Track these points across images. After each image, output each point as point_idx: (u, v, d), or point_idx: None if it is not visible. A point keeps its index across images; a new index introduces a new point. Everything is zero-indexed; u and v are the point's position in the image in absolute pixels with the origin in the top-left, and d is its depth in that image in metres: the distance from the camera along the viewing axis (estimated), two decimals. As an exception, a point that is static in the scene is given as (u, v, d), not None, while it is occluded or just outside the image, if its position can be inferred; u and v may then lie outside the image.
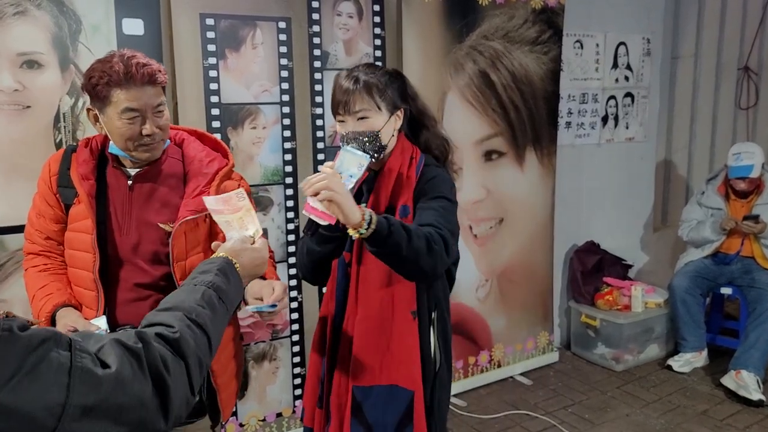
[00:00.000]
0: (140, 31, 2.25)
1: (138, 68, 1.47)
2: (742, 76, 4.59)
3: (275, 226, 2.62)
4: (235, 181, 1.69)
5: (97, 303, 1.56)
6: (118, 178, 1.60)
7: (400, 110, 1.63)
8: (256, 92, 2.51)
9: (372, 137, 1.55)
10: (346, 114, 1.57)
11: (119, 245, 1.57)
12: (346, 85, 1.57)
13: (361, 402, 1.57)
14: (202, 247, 1.61)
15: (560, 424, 2.98)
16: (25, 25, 2.06)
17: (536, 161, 3.35)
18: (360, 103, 1.55)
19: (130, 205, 1.58)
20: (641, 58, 3.96)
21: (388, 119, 1.59)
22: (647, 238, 4.30)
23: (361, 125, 1.56)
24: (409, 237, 1.39)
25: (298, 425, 2.78)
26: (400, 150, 1.62)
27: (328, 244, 1.58)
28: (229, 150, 1.72)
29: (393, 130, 1.61)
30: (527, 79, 3.22)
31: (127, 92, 1.47)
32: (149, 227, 1.58)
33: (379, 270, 1.55)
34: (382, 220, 1.38)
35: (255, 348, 2.64)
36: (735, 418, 3.03)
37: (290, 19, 2.54)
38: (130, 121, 1.49)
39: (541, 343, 3.56)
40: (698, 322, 3.54)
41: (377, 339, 1.57)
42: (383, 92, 1.58)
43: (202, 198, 1.50)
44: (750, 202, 3.53)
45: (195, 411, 1.60)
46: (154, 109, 1.51)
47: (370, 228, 1.36)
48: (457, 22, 2.97)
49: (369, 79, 1.57)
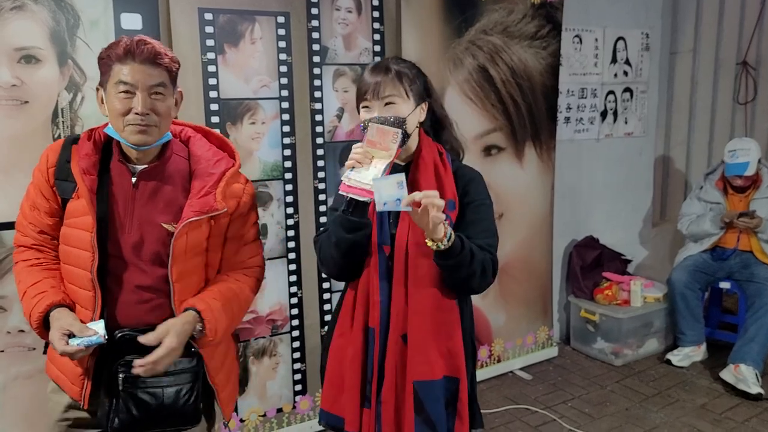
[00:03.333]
0: (138, 25, 2.24)
1: (139, 45, 1.45)
2: (741, 71, 4.60)
3: (275, 222, 2.62)
4: (242, 184, 1.64)
5: (94, 304, 1.50)
6: (122, 174, 1.54)
7: (425, 104, 1.63)
8: (255, 87, 2.50)
9: (399, 122, 1.53)
10: (374, 99, 1.55)
11: (121, 244, 1.51)
12: (376, 72, 1.58)
13: (423, 398, 1.55)
14: (201, 248, 1.57)
15: (560, 418, 2.99)
16: (23, 19, 2.04)
17: (535, 156, 3.34)
18: (390, 89, 1.55)
19: (133, 203, 1.53)
20: (640, 53, 3.96)
21: (414, 109, 1.58)
22: (646, 232, 4.31)
23: (387, 111, 1.55)
24: (472, 259, 1.48)
25: (298, 421, 2.78)
26: (427, 144, 1.63)
27: (360, 231, 1.53)
28: (235, 150, 1.68)
29: (417, 122, 1.61)
30: (526, 74, 3.22)
31: (124, 66, 1.45)
32: (152, 226, 1.52)
33: (430, 264, 1.53)
34: (457, 239, 1.45)
35: (255, 344, 2.64)
36: (734, 411, 3.04)
37: (289, 14, 2.53)
38: (123, 95, 1.45)
39: (540, 338, 3.57)
40: (697, 316, 3.54)
41: (432, 332, 1.56)
42: (413, 82, 1.59)
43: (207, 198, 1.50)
44: (748, 197, 3.54)
45: (189, 418, 1.55)
46: (150, 89, 1.47)
47: (448, 243, 1.43)
48: (456, 17, 2.96)
49: (400, 68, 1.59)
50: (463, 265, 1.47)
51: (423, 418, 1.55)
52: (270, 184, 2.59)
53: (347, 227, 1.52)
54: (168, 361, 1.46)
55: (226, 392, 1.67)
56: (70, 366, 1.53)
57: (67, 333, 1.43)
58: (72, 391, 1.55)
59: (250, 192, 1.66)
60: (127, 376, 1.47)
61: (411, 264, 1.56)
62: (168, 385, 1.50)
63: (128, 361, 1.46)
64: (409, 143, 1.60)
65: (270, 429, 2.72)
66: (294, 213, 2.66)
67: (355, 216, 1.51)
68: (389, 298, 1.58)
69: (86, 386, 1.53)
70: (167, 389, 1.50)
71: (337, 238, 1.55)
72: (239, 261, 1.66)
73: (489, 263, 1.53)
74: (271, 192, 2.60)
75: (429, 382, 1.56)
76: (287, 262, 2.67)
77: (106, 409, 1.49)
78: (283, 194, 2.62)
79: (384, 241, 1.59)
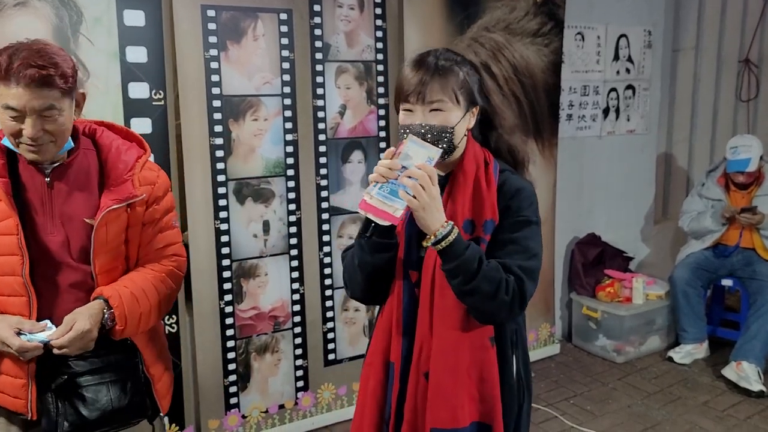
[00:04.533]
0: (141, 22, 2.25)
1: (21, 68, 1.33)
2: (743, 68, 4.59)
3: (277, 218, 2.62)
4: (155, 171, 1.61)
5: (29, 308, 1.45)
6: (33, 175, 1.47)
7: (476, 107, 1.40)
8: (258, 84, 2.51)
9: (445, 134, 1.32)
10: (418, 103, 1.32)
11: (48, 245, 1.47)
12: (420, 69, 1.33)
13: None
14: (121, 240, 1.54)
15: (562, 415, 2.99)
16: (26, 16, 2.05)
17: (537, 153, 3.34)
18: (437, 93, 1.32)
19: (51, 203, 1.47)
20: (642, 50, 3.95)
21: (464, 116, 1.36)
22: (648, 230, 4.30)
23: (432, 118, 1.33)
24: (477, 270, 1.27)
25: (300, 417, 2.79)
26: (473, 153, 1.39)
27: (383, 253, 1.36)
28: (143, 140, 1.63)
29: (465, 130, 1.38)
30: (528, 71, 3.22)
31: (8, 89, 1.35)
32: (75, 222, 1.48)
33: None
34: (460, 240, 1.26)
35: (257, 340, 2.64)
36: (736, 408, 3.04)
37: (291, 11, 2.54)
38: (11, 118, 1.37)
39: (542, 336, 3.57)
40: (699, 313, 3.54)
41: (458, 373, 1.35)
42: (463, 83, 1.35)
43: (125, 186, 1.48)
44: (750, 193, 3.53)
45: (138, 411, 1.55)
46: (39, 112, 1.37)
47: (447, 240, 1.25)
48: (458, 14, 2.96)
49: (450, 66, 1.34)
50: (465, 272, 1.26)
51: None
52: (272, 181, 2.60)
53: (370, 249, 1.36)
54: (80, 344, 1.42)
55: (162, 383, 1.64)
56: (9, 380, 1.48)
57: (17, 331, 1.39)
58: (15, 405, 1.49)
59: (164, 179, 1.64)
60: (69, 378, 1.45)
61: (438, 293, 1.35)
62: (111, 380, 1.49)
63: (69, 364, 1.45)
64: (455, 153, 1.38)
65: (272, 425, 2.73)
66: (296, 209, 2.66)
67: (379, 237, 1.33)
68: (413, 330, 1.39)
69: (31, 394, 1.48)
70: (112, 385, 1.49)
71: (359, 260, 1.39)
72: (155, 249, 1.61)
73: (509, 286, 1.29)
74: (273, 188, 2.60)
75: (451, 431, 1.35)
76: (289, 259, 2.67)
77: (53, 416, 1.46)
78: (286, 191, 2.63)
79: (410, 266, 1.39)
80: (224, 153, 2.47)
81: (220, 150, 2.46)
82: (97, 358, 1.50)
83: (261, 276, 2.62)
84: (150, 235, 1.60)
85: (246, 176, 2.53)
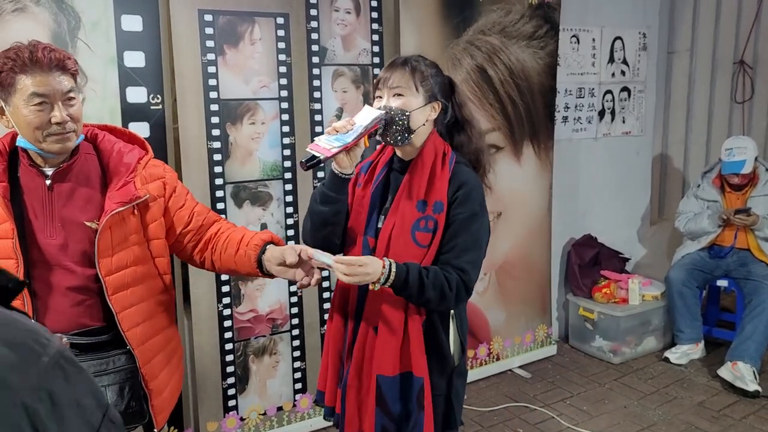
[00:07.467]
0: (139, 27, 2.26)
1: (45, 53, 1.40)
2: (738, 70, 4.62)
3: (274, 221, 2.64)
4: (160, 166, 1.65)
5: (24, 310, 1.43)
6: (33, 178, 1.49)
7: (438, 103, 1.63)
8: (255, 88, 2.52)
9: (403, 115, 1.56)
10: (385, 89, 1.60)
11: (44, 248, 1.47)
12: (391, 64, 1.62)
13: (385, 392, 1.60)
14: (134, 240, 1.55)
15: (559, 416, 3.00)
16: (24, 21, 2.06)
17: (533, 155, 3.36)
18: (399, 80, 1.58)
19: (51, 206, 1.49)
20: (637, 52, 3.97)
21: (423, 105, 1.59)
22: (644, 231, 4.32)
23: (395, 101, 1.58)
24: (421, 291, 1.52)
25: (299, 419, 2.80)
26: (433, 145, 1.62)
27: (330, 204, 1.61)
28: (145, 141, 1.66)
29: (425, 120, 1.61)
30: (524, 74, 3.24)
31: (33, 77, 1.39)
32: (75, 226, 1.49)
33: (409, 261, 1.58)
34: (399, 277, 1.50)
35: (255, 342, 2.66)
36: (731, 408, 3.06)
37: (288, 15, 2.55)
38: (38, 108, 1.41)
39: (539, 337, 3.58)
40: (695, 314, 3.56)
41: (400, 329, 1.59)
42: (425, 78, 1.60)
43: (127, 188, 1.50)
44: (745, 194, 3.55)
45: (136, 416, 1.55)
46: (63, 95, 1.43)
47: (389, 279, 1.50)
48: (454, 18, 2.98)
49: (415, 63, 1.61)
50: (413, 296, 1.53)
51: (383, 410, 1.61)
52: (270, 184, 2.61)
53: (320, 198, 1.62)
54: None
55: (161, 400, 1.62)
56: None
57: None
58: None
59: (171, 171, 1.70)
60: None
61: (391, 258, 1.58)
62: (109, 384, 1.50)
63: None
64: (414, 140, 1.61)
65: (270, 427, 2.74)
66: (293, 212, 2.67)
67: (328, 189, 1.59)
68: (366, 289, 1.60)
69: None
70: (109, 389, 1.50)
71: (311, 208, 1.66)
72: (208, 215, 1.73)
73: (452, 284, 1.54)
74: (270, 192, 2.62)
75: (390, 378, 1.59)
76: (287, 262, 2.68)
77: None
78: (283, 194, 2.64)
79: (369, 233, 1.63)
80: (222, 156, 2.48)
81: (218, 153, 2.47)
82: (96, 360, 1.50)
83: (258, 279, 2.63)
84: (189, 213, 1.68)
85: (244, 179, 2.55)
